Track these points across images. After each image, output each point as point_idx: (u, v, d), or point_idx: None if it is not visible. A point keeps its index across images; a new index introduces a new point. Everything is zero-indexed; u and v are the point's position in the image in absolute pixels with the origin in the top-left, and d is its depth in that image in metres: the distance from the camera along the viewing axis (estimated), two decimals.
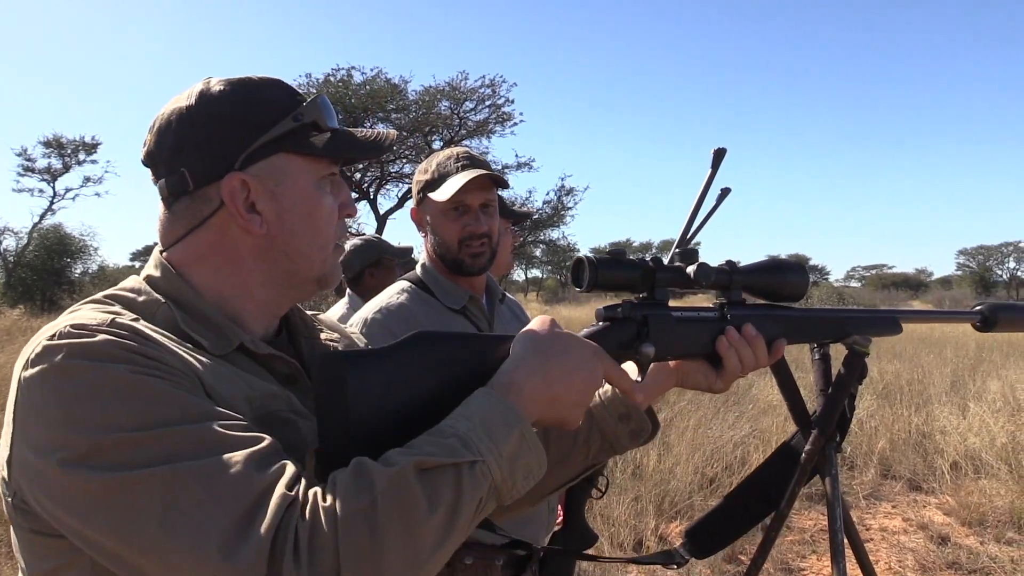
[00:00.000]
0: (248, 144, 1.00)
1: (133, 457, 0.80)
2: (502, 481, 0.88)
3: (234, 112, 1.01)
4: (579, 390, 0.99)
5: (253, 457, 0.83)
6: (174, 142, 1.01)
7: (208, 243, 1.02)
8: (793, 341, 1.26)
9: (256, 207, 1.01)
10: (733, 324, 1.20)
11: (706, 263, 1.16)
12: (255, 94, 1.02)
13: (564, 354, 0.99)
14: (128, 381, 0.83)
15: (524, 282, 68.90)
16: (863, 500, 5.63)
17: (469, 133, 21.70)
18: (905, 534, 4.99)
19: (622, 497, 4.84)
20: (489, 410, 0.91)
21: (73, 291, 25.76)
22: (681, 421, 6.52)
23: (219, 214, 1.01)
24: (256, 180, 1.00)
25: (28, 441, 0.84)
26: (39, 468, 0.82)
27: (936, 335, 15.24)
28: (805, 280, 1.23)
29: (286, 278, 1.06)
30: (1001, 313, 1.47)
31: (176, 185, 1.01)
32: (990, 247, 66.87)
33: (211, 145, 1.00)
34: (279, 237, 1.03)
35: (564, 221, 24.22)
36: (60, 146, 29.35)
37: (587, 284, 1.09)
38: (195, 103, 1.01)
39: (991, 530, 4.95)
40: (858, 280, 76.22)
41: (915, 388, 8.87)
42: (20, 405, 0.86)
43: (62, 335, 0.86)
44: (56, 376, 0.84)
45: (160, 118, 1.03)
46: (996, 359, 11.36)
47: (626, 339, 1.13)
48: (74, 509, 0.81)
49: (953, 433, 6.58)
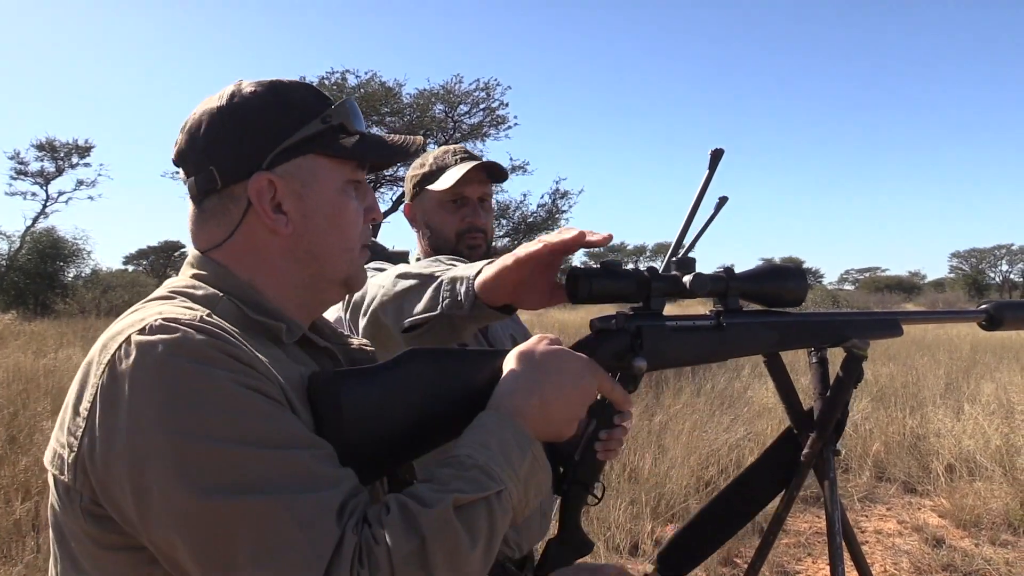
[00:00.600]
0: (276, 144, 1.01)
1: (232, 478, 0.81)
2: (519, 502, 0.93)
3: (264, 112, 1.02)
4: (573, 406, 1.01)
5: (337, 498, 0.85)
6: (204, 141, 1.02)
7: (246, 244, 1.03)
8: (790, 347, 1.26)
9: (282, 207, 1.02)
10: (729, 331, 1.20)
11: (702, 272, 1.16)
12: (284, 96, 1.04)
13: (558, 373, 1.01)
14: (230, 392, 0.84)
15: None
16: (858, 503, 5.64)
17: (464, 136, 21.69)
18: (900, 536, 4.99)
19: (618, 500, 4.84)
20: (506, 439, 0.93)
21: (66, 295, 25.64)
22: (676, 424, 6.52)
23: (249, 214, 1.02)
24: (283, 180, 1.01)
25: (118, 440, 0.82)
26: (132, 471, 0.81)
27: (930, 338, 15.28)
28: (804, 285, 1.23)
29: (313, 280, 1.07)
30: (1007, 312, 1.48)
31: (205, 183, 1.02)
32: (983, 250, 67.06)
33: (240, 144, 1.01)
34: (305, 238, 1.04)
35: (559, 224, 24.22)
36: (53, 149, 29.24)
37: (581, 296, 1.08)
38: (225, 104, 1.02)
39: (986, 532, 4.96)
40: (852, 283, 76.35)
41: (910, 391, 8.89)
42: (108, 400, 0.84)
43: (154, 328, 0.86)
44: (157, 373, 0.83)
45: (191, 118, 1.04)
46: (990, 361, 11.40)
47: (620, 350, 1.13)
48: (163, 522, 0.81)
49: (947, 435, 6.60)
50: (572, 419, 1.02)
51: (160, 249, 61.87)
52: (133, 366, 0.83)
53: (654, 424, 6.56)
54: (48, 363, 9.50)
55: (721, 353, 1.22)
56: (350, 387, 0.96)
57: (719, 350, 1.21)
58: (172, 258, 62.28)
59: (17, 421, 6.38)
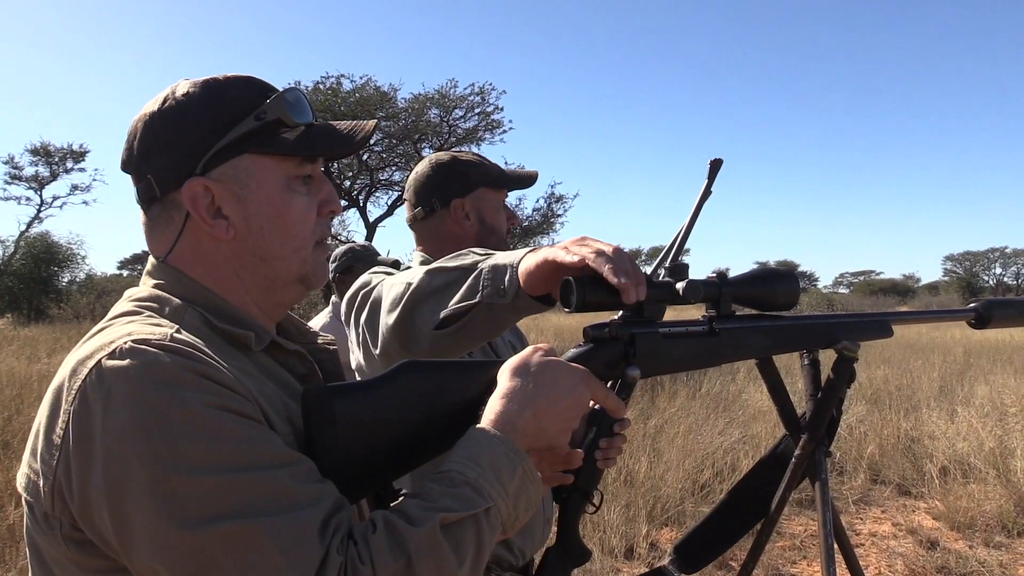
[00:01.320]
0: (209, 147, 0.97)
1: (211, 506, 0.80)
2: (508, 517, 0.93)
3: (195, 115, 0.98)
4: (566, 418, 1.01)
5: (319, 516, 0.84)
6: (140, 149, 1.00)
7: (192, 250, 1.01)
8: (782, 350, 1.26)
9: (223, 212, 0.99)
10: (721, 337, 1.20)
11: (695, 279, 1.16)
12: (218, 94, 1.00)
13: (552, 385, 1.00)
14: (204, 417, 0.82)
15: None
16: (853, 505, 5.65)
17: (459, 140, 21.67)
18: (895, 539, 5.01)
19: (613, 504, 4.84)
20: (496, 455, 0.92)
21: (60, 300, 25.62)
22: (671, 427, 6.53)
23: (190, 221, 0.99)
24: (219, 184, 0.98)
25: (94, 471, 0.81)
26: (110, 502, 0.80)
27: (924, 341, 15.33)
28: (796, 289, 1.23)
29: (267, 282, 1.04)
30: (995, 310, 1.48)
31: (146, 192, 1.00)
32: (976, 253, 67.24)
33: (172, 149, 0.98)
34: (248, 240, 1.01)
35: (554, 228, 24.21)
36: (48, 154, 29.12)
37: (575, 305, 1.08)
38: (158, 109, 1.00)
39: (980, 534, 4.97)
40: (846, 286, 76.49)
41: (904, 393, 8.92)
42: (80, 429, 0.82)
43: (124, 352, 0.84)
44: (129, 401, 0.81)
45: (130, 126, 1.02)
46: (984, 364, 11.44)
47: (614, 358, 1.14)
48: (146, 552, 0.80)
49: (942, 438, 6.62)
50: (566, 430, 1.01)
51: None
52: (104, 393, 0.82)
53: (649, 427, 6.56)
54: (42, 368, 9.49)
55: (714, 358, 1.22)
56: (344, 402, 0.95)
57: (712, 355, 1.22)
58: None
59: (11, 426, 6.38)
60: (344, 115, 19.05)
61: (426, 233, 1.95)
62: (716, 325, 1.21)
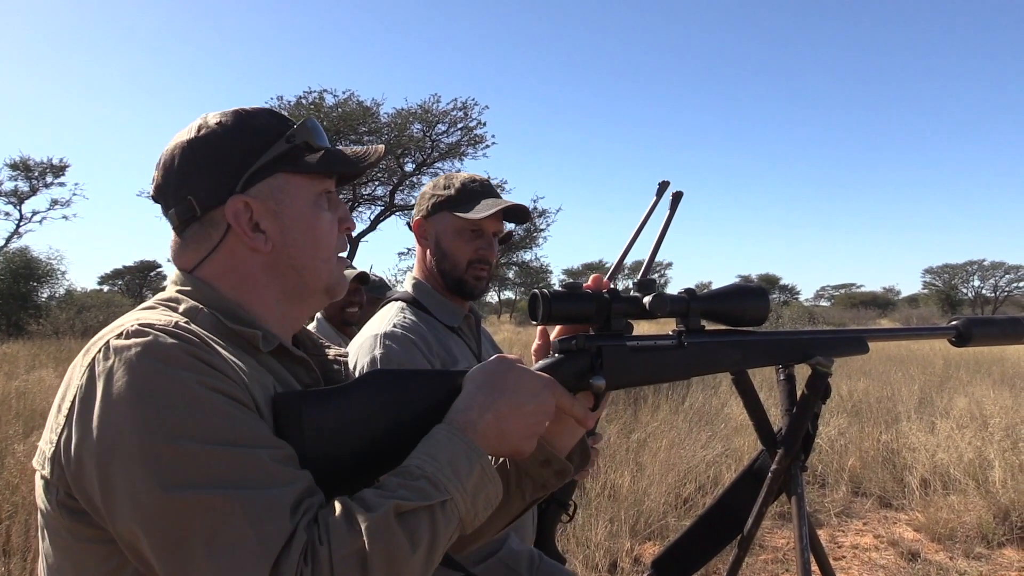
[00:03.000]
0: (247, 168, 1.07)
1: (191, 472, 0.85)
2: (466, 512, 0.96)
3: (231, 139, 1.08)
4: (529, 423, 1.05)
5: (291, 496, 0.89)
6: (179, 173, 1.08)
7: (225, 264, 1.09)
8: (754, 365, 1.28)
9: (260, 226, 1.08)
10: (689, 350, 1.22)
11: (663, 293, 1.19)
12: (249, 122, 1.10)
13: (515, 391, 1.04)
14: (194, 393, 0.89)
15: (497, 303, 68.83)
16: (834, 518, 5.67)
17: (441, 155, 21.73)
18: (876, 551, 5.03)
19: (597, 519, 4.83)
20: (454, 450, 0.97)
21: (40, 315, 25.28)
22: (654, 442, 6.54)
23: (228, 236, 1.08)
24: (257, 201, 1.07)
25: (90, 435, 0.88)
26: (99, 464, 0.86)
27: (904, 353, 15.44)
28: (765, 305, 1.25)
29: (297, 291, 1.13)
30: (976, 328, 1.50)
31: (185, 212, 1.08)
32: (955, 266, 67.94)
33: (213, 172, 1.07)
34: (285, 252, 1.10)
35: (537, 243, 24.35)
36: (27, 168, 28.95)
37: (541, 317, 1.11)
38: (194, 136, 1.09)
39: (960, 545, 5.00)
40: (827, 299, 77.07)
41: (884, 405, 8.98)
42: (84, 400, 0.90)
43: (130, 333, 0.92)
44: (127, 373, 0.88)
45: (165, 154, 1.11)
46: (963, 376, 11.54)
47: (581, 370, 1.16)
48: (126, 514, 0.86)
49: (921, 450, 6.66)
50: (530, 435, 1.05)
51: (136, 269, 61.18)
52: (108, 367, 0.89)
53: (632, 441, 6.57)
54: (20, 385, 9.36)
55: (683, 371, 1.24)
56: (312, 407, 0.98)
57: (681, 369, 1.23)
58: (148, 278, 61.64)
59: None
60: (327, 130, 18.98)
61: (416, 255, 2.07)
62: (685, 339, 1.23)
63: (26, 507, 4.57)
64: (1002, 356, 14.89)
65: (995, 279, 65.97)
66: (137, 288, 59.51)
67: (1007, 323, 1.54)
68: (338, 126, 19.46)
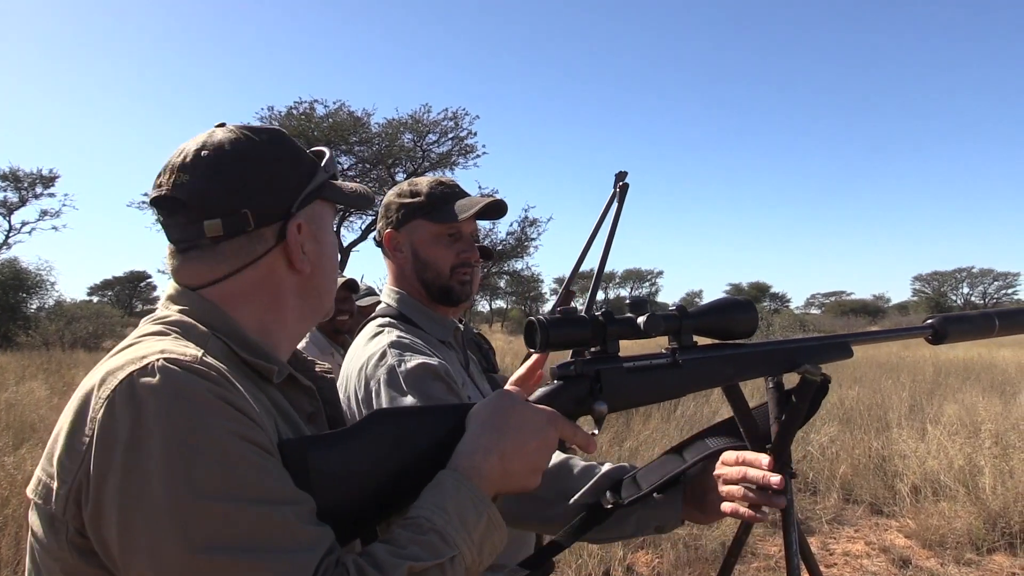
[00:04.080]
0: (301, 191, 1.09)
1: (220, 534, 0.83)
2: (472, 562, 0.96)
3: (288, 159, 1.09)
4: (534, 460, 1.05)
5: (315, 560, 0.88)
6: (232, 183, 1.04)
7: (255, 281, 1.08)
8: (746, 378, 1.29)
9: (304, 248, 1.10)
10: (684, 368, 1.24)
11: (656, 313, 1.20)
12: (292, 145, 1.11)
13: (518, 429, 1.04)
14: (226, 444, 0.87)
15: (489, 313, 68.91)
16: (826, 525, 5.69)
17: (432, 165, 21.73)
18: (868, 558, 5.05)
19: None
20: (462, 502, 0.97)
21: (29, 327, 25.14)
22: (646, 450, 6.56)
23: (271, 253, 1.08)
24: (306, 224, 1.10)
25: (112, 480, 0.84)
26: (121, 511, 0.83)
27: (894, 360, 15.52)
28: (754, 317, 1.27)
29: (313, 313, 1.16)
30: (951, 325, 1.52)
31: (235, 225, 1.04)
32: (944, 273, 68.50)
33: (275, 187, 1.07)
34: (316, 276, 1.13)
35: (528, 252, 24.34)
36: (17, 179, 28.88)
37: (540, 345, 1.11)
38: (244, 148, 1.06)
39: (951, 552, 5.03)
40: (818, 307, 77.36)
41: (875, 413, 9.02)
42: (105, 438, 0.85)
43: (156, 369, 0.88)
44: (157, 418, 0.85)
45: (199, 159, 1.05)
46: (953, 383, 11.60)
47: (581, 395, 1.16)
48: (145, 566, 0.83)
49: (912, 457, 6.69)
50: (535, 471, 1.05)
51: (126, 279, 61.00)
52: (134, 408, 0.85)
53: (624, 450, 6.58)
54: (9, 397, 9.31)
55: (679, 389, 1.25)
56: (318, 455, 0.98)
57: (677, 387, 1.24)
58: (138, 288, 61.46)
59: None
60: (318, 140, 19.06)
61: (388, 268, 1.98)
62: (679, 356, 1.24)
63: (16, 520, 4.54)
64: (992, 362, 14.98)
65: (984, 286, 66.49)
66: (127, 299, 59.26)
67: (979, 318, 1.57)
68: (329, 136, 19.46)
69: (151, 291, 60.48)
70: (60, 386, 11.51)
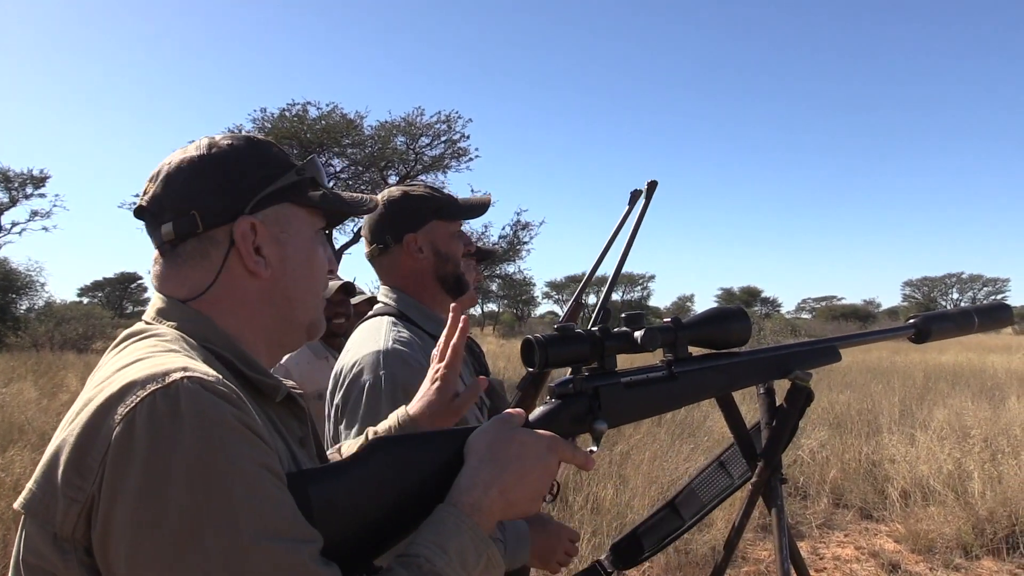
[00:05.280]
0: (257, 191, 1.07)
1: (234, 570, 0.81)
2: None
3: (244, 161, 1.08)
4: (535, 488, 1.04)
5: None
6: (184, 188, 1.05)
7: (227, 287, 1.06)
8: (740, 387, 1.30)
9: (261, 251, 1.07)
10: (681, 380, 1.24)
11: (652, 327, 1.20)
12: (261, 148, 1.11)
13: (518, 459, 1.03)
14: (248, 475, 0.84)
15: (481, 316, 68.83)
16: (816, 529, 5.70)
17: (425, 168, 21.68)
18: (857, 562, 5.06)
19: (580, 531, 4.83)
20: (463, 543, 0.96)
21: (18, 328, 25.01)
22: (637, 454, 6.56)
23: (229, 257, 1.06)
24: (263, 225, 1.07)
25: (126, 503, 0.80)
26: (135, 536, 0.79)
27: (885, 365, 15.56)
28: (748, 326, 1.28)
29: (283, 324, 1.11)
30: (933, 324, 1.55)
31: (185, 227, 1.04)
32: (934, 278, 68.82)
33: (222, 190, 1.05)
34: (282, 282, 1.09)
35: (520, 255, 24.32)
36: (7, 179, 28.62)
37: (539, 365, 1.11)
38: (205, 153, 1.07)
39: (940, 556, 5.05)
40: (809, 312, 77.55)
41: (865, 418, 9.04)
42: (121, 455, 0.81)
43: (180, 388, 0.84)
44: (176, 446, 0.81)
45: (167, 166, 1.07)
46: (943, 388, 11.64)
47: (580, 414, 1.16)
48: None
49: (902, 462, 6.71)
50: (536, 498, 1.04)
51: (116, 281, 60.74)
52: (153, 428, 0.81)
53: (615, 454, 6.58)
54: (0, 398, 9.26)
55: (676, 402, 1.25)
56: (319, 488, 0.96)
57: (674, 399, 1.25)
58: (128, 290, 61.19)
59: None
60: (310, 142, 18.99)
61: (385, 269, 2.00)
62: (675, 369, 1.25)
63: (4, 521, 4.51)
64: (981, 368, 15.05)
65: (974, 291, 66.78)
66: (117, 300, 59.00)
67: (959, 316, 1.61)
68: (321, 138, 19.40)
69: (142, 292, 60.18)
70: (49, 388, 11.46)
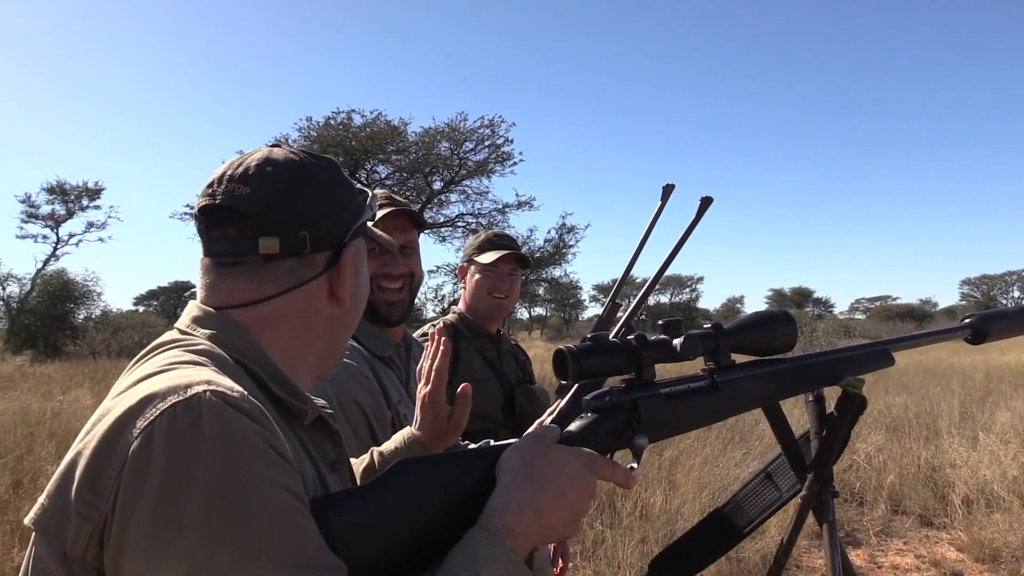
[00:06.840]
0: (354, 222, 1.07)
1: None
2: None
3: (346, 191, 1.08)
4: (573, 510, 0.97)
5: None
6: (293, 203, 1.00)
7: (296, 306, 1.02)
8: (787, 395, 1.22)
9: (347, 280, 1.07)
10: (724, 390, 1.16)
11: (692, 333, 1.12)
12: (347, 177, 1.10)
13: (555, 478, 0.96)
14: (267, 496, 0.80)
15: (528, 320, 68.93)
16: (873, 537, 5.53)
17: (469, 173, 21.78)
18: (918, 572, 4.89)
19: (628, 538, 4.76)
20: (496, 569, 0.89)
21: (76, 336, 25.78)
22: (687, 459, 6.45)
23: (317, 280, 1.04)
24: (352, 256, 1.07)
25: (139, 522, 0.76)
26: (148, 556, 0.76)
27: (943, 367, 15.16)
28: (794, 329, 1.20)
29: (334, 353, 1.11)
30: (991, 323, 1.45)
31: (292, 245, 1.00)
32: (993, 276, 66.94)
33: (339, 215, 1.05)
34: (350, 312, 1.09)
35: (566, 259, 24.30)
36: (63, 192, 29.55)
37: (572, 376, 1.04)
38: (309, 171, 1.04)
39: (1005, 566, 4.85)
40: (863, 312, 76.05)
41: (923, 421, 8.79)
42: (135, 471, 0.78)
43: (203, 403, 0.80)
44: (197, 462, 0.77)
45: (264, 174, 1.01)
46: (1005, 390, 11.27)
47: (618, 428, 1.08)
48: None
49: (963, 466, 6.49)
50: (574, 520, 0.98)
51: (170, 289, 62.24)
52: (173, 444, 0.78)
53: (664, 459, 6.48)
54: (56, 406, 9.52)
55: (720, 414, 1.18)
56: (341, 514, 0.91)
57: (717, 411, 1.17)
58: (182, 298, 62.60)
59: (22, 465, 6.37)
60: (356, 149, 19.22)
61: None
62: (717, 378, 1.17)
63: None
64: None
65: None
66: (172, 308, 60.40)
67: (1019, 314, 1.49)
68: (366, 146, 19.62)
69: None
70: (105, 395, 11.71)
